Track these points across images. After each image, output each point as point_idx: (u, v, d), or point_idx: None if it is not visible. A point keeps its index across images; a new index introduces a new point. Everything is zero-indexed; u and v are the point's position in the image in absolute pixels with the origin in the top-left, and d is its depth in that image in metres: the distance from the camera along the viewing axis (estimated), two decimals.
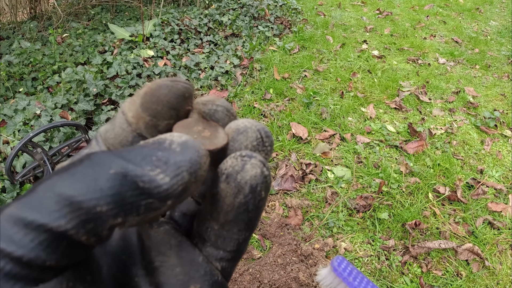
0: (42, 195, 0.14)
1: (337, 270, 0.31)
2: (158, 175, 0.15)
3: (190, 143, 0.17)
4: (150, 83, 0.20)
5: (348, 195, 1.99)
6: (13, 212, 0.14)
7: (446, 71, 3.43)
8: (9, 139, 1.93)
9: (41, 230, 0.14)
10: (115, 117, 0.20)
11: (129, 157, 0.15)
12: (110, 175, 0.14)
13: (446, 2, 5.50)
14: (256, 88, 2.85)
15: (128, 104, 0.20)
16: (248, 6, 4.16)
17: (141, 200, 0.15)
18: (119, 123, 0.20)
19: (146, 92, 0.19)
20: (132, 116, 0.19)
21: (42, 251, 0.14)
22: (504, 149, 2.45)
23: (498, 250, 1.78)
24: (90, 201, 0.14)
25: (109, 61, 2.72)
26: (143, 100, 0.19)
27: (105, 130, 0.20)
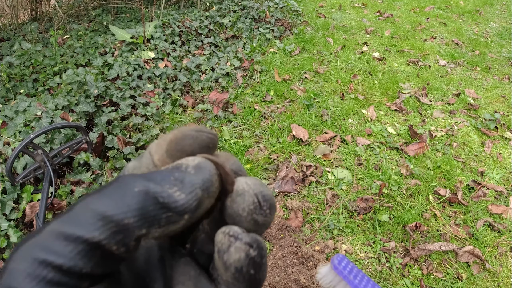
0: (79, 212, 0.17)
1: (338, 268, 0.31)
2: (175, 192, 0.17)
3: (203, 164, 0.19)
4: (176, 131, 0.22)
5: (349, 197, 1.99)
6: (55, 228, 0.16)
7: (446, 73, 3.43)
8: (9, 141, 1.93)
9: (78, 242, 0.16)
10: (143, 156, 0.22)
11: (151, 177, 0.18)
12: (135, 192, 0.17)
13: (446, 4, 5.51)
14: (256, 90, 2.85)
15: (155, 147, 0.22)
16: (248, 8, 4.17)
17: (161, 213, 0.17)
18: (146, 163, 0.21)
19: (172, 139, 0.21)
20: (158, 159, 0.21)
21: (79, 260, 0.16)
22: (504, 151, 2.45)
23: (499, 252, 1.77)
24: (119, 214, 0.16)
25: (110, 62, 2.72)
26: (168, 147, 0.21)
27: (133, 167, 0.22)
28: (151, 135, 2.17)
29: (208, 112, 2.50)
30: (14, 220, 1.63)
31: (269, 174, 2.12)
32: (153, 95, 2.53)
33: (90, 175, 1.86)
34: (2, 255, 1.50)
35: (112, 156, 2.01)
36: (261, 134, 2.38)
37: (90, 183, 1.84)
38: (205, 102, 2.62)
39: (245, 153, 2.20)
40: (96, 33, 3.33)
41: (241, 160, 2.11)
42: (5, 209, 1.63)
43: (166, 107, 2.44)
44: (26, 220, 1.66)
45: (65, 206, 1.72)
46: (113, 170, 1.95)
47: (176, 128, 0.23)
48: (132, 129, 2.25)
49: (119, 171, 1.92)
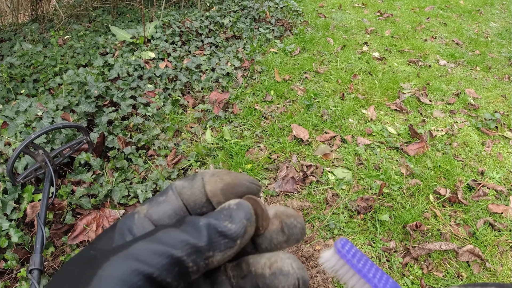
0: (163, 236, 0.22)
1: (341, 252, 0.31)
2: (228, 224, 0.23)
3: (242, 202, 0.25)
4: (234, 176, 0.27)
5: (349, 196, 1.99)
6: (145, 245, 0.21)
7: (446, 73, 3.44)
8: (10, 141, 1.93)
9: (165, 256, 0.21)
10: (195, 180, 0.27)
11: (210, 216, 0.24)
12: (201, 225, 0.23)
13: (446, 4, 5.51)
14: (257, 90, 2.85)
15: (211, 181, 0.27)
16: (249, 8, 4.17)
17: (221, 240, 0.23)
18: (198, 187, 0.26)
19: (229, 183, 0.27)
20: (210, 190, 0.26)
21: (164, 271, 0.21)
22: (504, 150, 2.45)
23: (499, 252, 1.78)
24: (194, 239, 0.22)
25: (110, 63, 2.72)
26: (225, 187, 0.27)
27: (182, 186, 0.27)
28: (152, 135, 2.18)
29: (209, 112, 2.51)
30: (15, 220, 1.63)
31: (269, 174, 2.12)
32: (154, 95, 2.53)
33: (91, 175, 1.86)
34: (3, 255, 1.51)
35: (112, 156, 2.01)
36: (261, 134, 2.38)
37: (91, 183, 1.84)
38: (206, 102, 2.62)
39: (246, 153, 2.20)
40: (97, 34, 3.33)
41: (241, 160, 2.12)
42: (6, 209, 1.63)
43: (167, 107, 2.44)
44: (27, 220, 1.66)
45: (65, 206, 1.73)
46: (113, 170, 1.95)
47: (232, 172, 0.28)
48: (132, 129, 2.25)
49: (119, 171, 1.92)
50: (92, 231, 1.67)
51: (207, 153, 2.16)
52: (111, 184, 1.83)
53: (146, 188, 1.85)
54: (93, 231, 1.67)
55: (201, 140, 2.28)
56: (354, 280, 0.36)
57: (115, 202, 1.81)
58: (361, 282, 0.36)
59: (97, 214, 1.73)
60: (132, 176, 1.94)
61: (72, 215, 1.71)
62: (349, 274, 0.36)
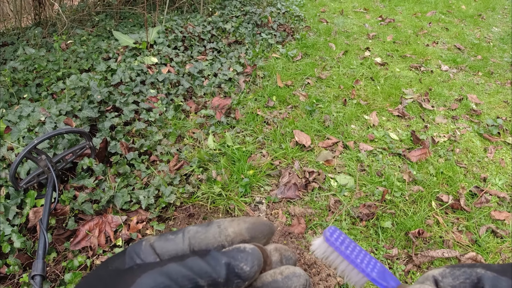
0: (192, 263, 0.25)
1: (329, 240, 0.33)
2: (243, 266, 0.26)
3: (254, 248, 0.28)
4: (255, 219, 0.31)
5: (351, 203, 1.98)
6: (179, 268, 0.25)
7: (449, 78, 3.44)
8: (13, 146, 1.94)
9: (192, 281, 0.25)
10: (210, 226, 0.29)
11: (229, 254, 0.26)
12: (223, 263, 0.26)
13: (448, 9, 5.52)
14: (259, 96, 2.86)
15: (233, 224, 0.30)
16: (251, 13, 4.18)
17: (235, 279, 0.26)
18: (212, 233, 0.29)
19: (255, 223, 0.30)
20: (233, 232, 0.29)
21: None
22: (507, 156, 2.45)
23: (501, 259, 1.77)
24: (215, 273, 0.25)
25: (113, 68, 2.73)
26: (250, 226, 0.30)
27: (195, 231, 0.29)
28: (154, 141, 2.18)
29: (211, 117, 2.51)
30: (17, 225, 1.63)
31: (271, 180, 2.12)
32: (156, 100, 2.54)
33: (93, 181, 1.86)
34: (5, 260, 1.51)
35: (115, 162, 2.01)
36: (263, 140, 2.39)
37: (93, 189, 1.85)
38: (208, 107, 2.62)
39: (248, 159, 2.21)
40: (100, 38, 3.34)
41: (243, 166, 2.12)
42: (9, 214, 1.63)
43: (169, 113, 2.44)
44: (29, 225, 1.66)
45: (68, 212, 1.73)
46: (116, 176, 1.95)
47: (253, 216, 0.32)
48: (135, 134, 2.26)
49: (122, 176, 1.92)
50: (95, 236, 1.67)
51: (209, 159, 2.16)
52: (113, 190, 1.83)
53: (148, 193, 1.85)
54: (95, 237, 1.67)
55: (203, 145, 2.28)
56: (343, 265, 0.39)
57: (117, 208, 1.81)
58: (350, 267, 0.38)
59: (100, 220, 1.73)
60: (134, 182, 1.94)
61: (75, 220, 1.71)
62: (339, 260, 0.39)
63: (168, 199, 1.86)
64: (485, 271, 0.29)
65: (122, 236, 1.69)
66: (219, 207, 1.92)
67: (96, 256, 1.62)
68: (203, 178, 2.03)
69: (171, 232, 0.29)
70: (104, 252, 1.64)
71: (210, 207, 1.92)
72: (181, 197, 1.93)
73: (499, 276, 0.28)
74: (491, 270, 0.29)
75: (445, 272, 0.30)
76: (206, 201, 1.94)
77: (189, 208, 1.91)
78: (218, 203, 1.93)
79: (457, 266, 0.30)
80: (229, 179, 2.05)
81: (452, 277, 0.30)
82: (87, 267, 1.57)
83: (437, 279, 0.30)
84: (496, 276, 0.28)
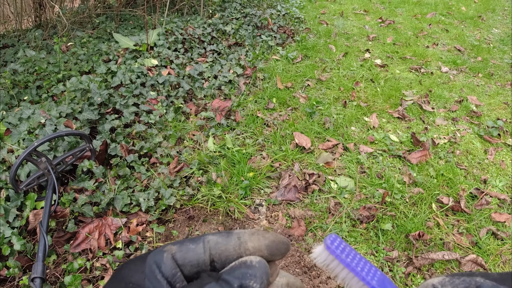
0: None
1: (330, 248, 0.33)
2: (253, 284, 0.27)
3: (261, 261, 0.28)
4: (275, 236, 0.32)
5: (352, 205, 1.98)
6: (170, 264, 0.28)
7: (449, 80, 3.44)
8: (13, 148, 1.94)
9: None
10: (230, 237, 0.30)
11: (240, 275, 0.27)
12: (236, 286, 0.26)
13: (448, 10, 5.52)
14: (259, 97, 2.86)
15: (254, 239, 0.30)
16: (251, 15, 4.19)
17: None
18: (232, 245, 0.30)
19: (274, 240, 0.31)
20: (253, 247, 0.30)
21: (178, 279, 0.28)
22: (507, 158, 2.45)
23: (502, 261, 1.77)
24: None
25: (113, 70, 2.73)
26: (270, 244, 0.31)
27: (216, 242, 0.30)
28: (154, 143, 2.18)
29: (211, 119, 2.51)
30: (17, 227, 1.63)
31: (271, 182, 2.12)
32: (156, 102, 2.54)
33: (93, 183, 1.86)
34: (5, 263, 1.51)
35: (115, 164, 2.01)
36: (263, 142, 2.39)
37: (93, 191, 1.85)
38: (208, 109, 2.62)
39: (248, 161, 2.20)
40: (100, 40, 3.35)
41: (243, 168, 2.12)
42: (9, 217, 1.63)
43: (169, 115, 2.44)
44: (29, 227, 1.66)
45: (68, 214, 1.73)
46: (116, 178, 1.95)
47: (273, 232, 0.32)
48: (135, 136, 2.26)
49: (122, 179, 1.92)
50: (94, 239, 1.67)
51: (209, 161, 2.16)
52: (113, 192, 1.83)
53: (148, 196, 1.85)
54: (95, 239, 1.67)
55: (203, 148, 2.28)
56: (343, 273, 0.39)
57: (117, 210, 1.81)
58: (351, 275, 0.38)
59: (100, 222, 1.73)
60: (134, 184, 1.94)
61: (75, 223, 1.71)
62: (339, 268, 0.39)
63: (168, 202, 1.86)
64: (484, 280, 0.28)
65: (122, 238, 1.69)
66: (219, 210, 1.92)
67: (96, 259, 1.62)
68: (203, 180, 2.03)
69: (191, 240, 0.30)
70: (104, 254, 1.64)
71: (210, 210, 1.92)
72: (181, 200, 1.93)
73: (498, 285, 0.28)
74: (490, 279, 0.28)
75: (444, 281, 0.30)
76: (206, 203, 1.94)
77: (189, 211, 1.91)
78: (218, 205, 1.93)
79: (457, 274, 0.30)
80: (229, 181, 2.05)
81: (452, 285, 0.30)
82: (87, 270, 1.57)
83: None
84: (495, 285, 0.28)
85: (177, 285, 0.28)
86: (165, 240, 1.75)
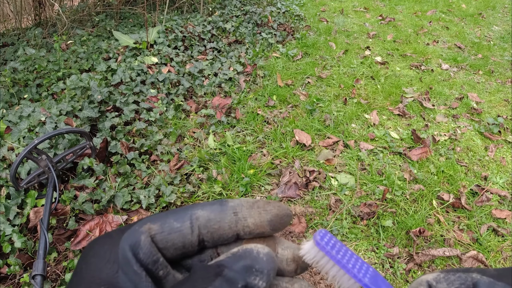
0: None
1: (320, 244, 0.31)
2: (258, 282, 0.23)
3: (270, 254, 0.25)
4: (277, 206, 0.28)
5: (352, 202, 1.98)
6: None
7: (449, 77, 3.43)
8: (14, 146, 1.94)
9: None
10: (224, 212, 0.26)
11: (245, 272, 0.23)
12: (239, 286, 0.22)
13: (448, 8, 5.51)
14: (259, 95, 2.86)
15: (254, 214, 0.27)
16: (251, 13, 4.18)
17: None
18: (228, 222, 0.26)
19: (278, 214, 0.27)
20: (254, 223, 0.26)
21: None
22: (508, 155, 2.45)
23: (503, 257, 1.77)
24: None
25: (113, 68, 2.73)
26: (272, 218, 0.27)
27: (207, 219, 0.25)
28: (155, 140, 2.18)
29: (211, 117, 2.51)
30: (18, 225, 1.63)
31: (272, 179, 2.12)
32: (156, 100, 2.54)
33: (93, 181, 1.86)
34: (6, 260, 1.51)
35: (115, 162, 2.01)
36: (264, 139, 2.38)
37: (94, 189, 1.85)
38: (208, 107, 2.62)
39: (248, 158, 2.20)
40: (100, 39, 3.34)
41: (244, 165, 2.12)
42: (9, 214, 1.63)
43: (169, 112, 2.44)
44: (30, 225, 1.66)
45: (69, 212, 1.73)
46: (116, 176, 1.95)
47: (273, 202, 0.28)
48: (135, 134, 2.26)
49: (122, 176, 1.92)
50: (95, 236, 1.67)
51: (209, 158, 2.16)
52: (114, 190, 1.83)
53: (149, 193, 1.85)
54: (95, 237, 1.67)
55: (203, 145, 2.28)
56: (334, 270, 0.36)
57: (118, 208, 1.81)
58: (342, 272, 0.36)
59: (100, 220, 1.73)
60: (135, 182, 1.94)
61: (75, 220, 1.71)
62: (329, 265, 0.36)
63: (169, 199, 1.86)
64: (480, 276, 0.28)
65: None
66: None
67: None
68: (204, 178, 2.03)
69: (174, 214, 0.25)
70: None
71: None
72: (182, 197, 1.93)
73: (495, 282, 0.27)
74: (487, 275, 0.27)
75: (439, 277, 0.29)
76: (207, 200, 1.94)
77: None
78: None
79: (452, 270, 0.29)
80: (229, 178, 2.05)
81: (447, 282, 0.28)
82: None
83: (431, 284, 0.29)
84: (492, 281, 0.27)
85: (160, 273, 0.24)
86: None
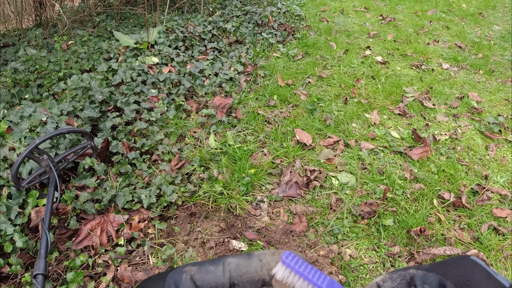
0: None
1: (285, 262, 0.41)
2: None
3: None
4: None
5: (353, 201, 1.98)
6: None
7: (449, 77, 3.43)
8: (15, 146, 1.94)
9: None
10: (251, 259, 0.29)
11: None
12: None
13: (449, 7, 5.51)
14: (260, 95, 2.86)
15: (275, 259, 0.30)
16: (251, 13, 4.18)
17: None
18: (255, 267, 0.29)
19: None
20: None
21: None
22: (508, 154, 2.45)
23: (503, 256, 1.77)
24: None
25: (114, 68, 2.74)
26: None
27: (237, 264, 0.29)
28: (156, 140, 2.18)
29: (212, 117, 2.51)
30: (19, 225, 1.64)
31: (273, 178, 2.13)
32: (157, 100, 2.54)
33: (95, 180, 1.86)
34: (7, 260, 1.51)
35: (116, 161, 2.02)
36: (265, 139, 2.39)
37: (95, 188, 1.85)
38: (209, 107, 2.63)
39: (249, 158, 2.21)
40: (100, 39, 3.35)
41: (245, 165, 2.12)
42: (11, 214, 1.64)
43: (170, 112, 2.45)
44: (31, 225, 1.66)
45: (70, 211, 1.73)
46: (117, 175, 1.96)
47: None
48: (136, 134, 2.26)
49: (123, 176, 1.92)
50: (96, 236, 1.67)
51: (210, 158, 2.17)
52: (115, 189, 1.83)
53: (150, 193, 1.86)
54: (97, 236, 1.67)
55: (204, 145, 2.28)
56: (299, 282, 0.44)
57: (119, 207, 1.81)
58: (306, 284, 0.44)
59: (101, 219, 1.74)
60: (136, 181, 1.95)
61: (77, 220, 1.71)
62: (295, 279, 0.44)
63: (170, 198, 1.86)
64: (416, 271, 0.33)
65: (124, 235, 1.70)
66: (221, 206, 1.92)
67: (98, 255, 1.62)
68: (205, 177, 2.03)
69: (210, 261, 0.30)
70: (106, 251, 1.65)
71: (211, 206, 1.92)
72: (183, 196, 1.93)
73: (427, 273, 0.32)
74: (421, 269, 0.33)
75: (385, 278, 0.34)
76: (208, 200, 1.94)
77: (191, 207, 1.91)
78: (220, 201, 1.93)
79: (395, 271, 0.35)
80: (230, 178, 2.06)
81: (391, 280, 0.34)
82: (89, 266, 1.57)
83: (379, 285, 0.35)
84: (425, 273, 0.32)
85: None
86: (167, 237, 1.76)
